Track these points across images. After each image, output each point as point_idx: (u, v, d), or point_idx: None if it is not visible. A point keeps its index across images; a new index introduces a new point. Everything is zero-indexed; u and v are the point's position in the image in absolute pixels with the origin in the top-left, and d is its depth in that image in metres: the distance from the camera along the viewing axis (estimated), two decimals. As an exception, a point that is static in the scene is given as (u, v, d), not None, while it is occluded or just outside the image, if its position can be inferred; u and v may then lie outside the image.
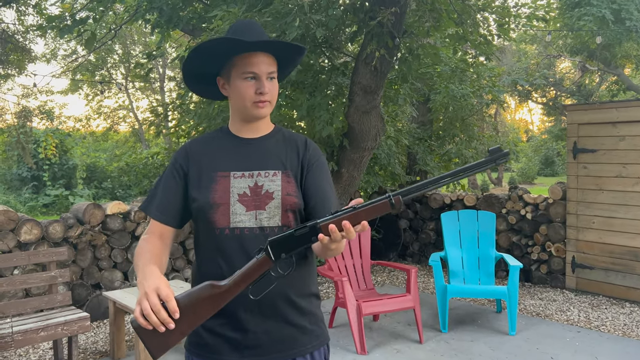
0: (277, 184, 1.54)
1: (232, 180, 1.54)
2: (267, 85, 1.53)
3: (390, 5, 4.39)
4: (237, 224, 1.51)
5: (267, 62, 1.53)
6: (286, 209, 1.53)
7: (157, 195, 1.59)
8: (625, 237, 5.24)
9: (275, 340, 1.51)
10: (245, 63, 1.51)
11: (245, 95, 1.53)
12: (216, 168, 1.56)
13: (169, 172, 1.60)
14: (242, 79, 1.53)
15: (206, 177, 1.55)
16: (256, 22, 1.60)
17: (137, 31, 19.35)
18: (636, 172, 5.16)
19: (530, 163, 24.91)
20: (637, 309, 5.03)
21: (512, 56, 19.44)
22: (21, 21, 11.35)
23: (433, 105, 7.73)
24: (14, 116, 13.35)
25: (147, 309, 1.24)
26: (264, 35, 1.57)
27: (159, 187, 1.60)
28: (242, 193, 1.53)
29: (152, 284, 1.29)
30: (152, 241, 1.54)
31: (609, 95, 17.67)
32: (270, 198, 1.53)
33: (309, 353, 1.56)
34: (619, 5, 10.20)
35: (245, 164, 1.57)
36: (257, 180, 1.54)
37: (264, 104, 1.54)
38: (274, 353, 1.52)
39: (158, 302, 1.26)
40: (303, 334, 1.56)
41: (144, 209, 1.61)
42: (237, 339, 1.50)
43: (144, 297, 1.27)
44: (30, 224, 4.57)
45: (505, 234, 6.15)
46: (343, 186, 5.58)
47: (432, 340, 4.30)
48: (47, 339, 3.37)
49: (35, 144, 14.40)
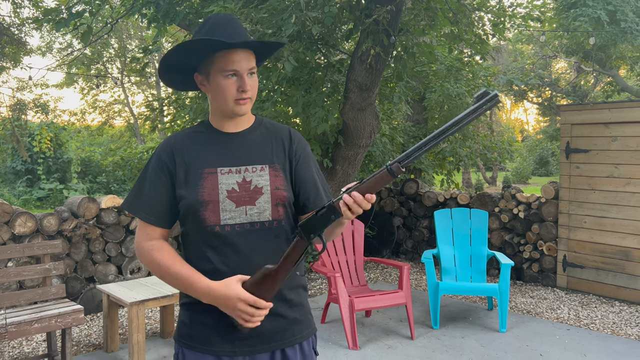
0: (265, 178, 1.55)
1: (220, 177, 1.53)
2: (248, 82, 1.52)
3: (386, 4, 4.41)
4: (227, 221, 1.51)
5: (247, 59, 1.52)
6: (276, 203, 1.55)
7: (145, 195, 1.56)
8: (616, 237, 5.29)
9: (266, 331, 1.54)
10: (226, 61, 1.50)
11: (226, 93, 1.53)
12: (203, 165, 1.54)
13: (154, 171, 1.56)
14: (223, 76, 1.51)
15: (193, 174, 1.53)
16: (233, 16, 1.59)
17: (133, 25, 19.28)
18: (628, 173, 5.21)
19: (524, 163, 25.00)
20: (626, 307, 5.09)
21: (508, 56, 19.51)
22: (17, 14, 11.30)
23: (428, 104, 7.76)
24: (8, 109, 13.29)
25: (248, 318, 1.46)
26: (242, 29, 1.56)
27: (145, 186, 1.57)
28: (230, 189, 1.53)
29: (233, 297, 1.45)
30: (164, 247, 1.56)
31: (604, 96, 17.76)
32: (260, 193, 1.54)
33: (298, 343, 1.59)
34: (614, 6, 10.25)
35: (232, 159, 1.56)
36: (245, 175, 1.55)
37: (245, 101, 1.54)
38: (264, 344, 1.54)
39: (250, 309, 1.45)
40: (292, 325, 1.58)
41: (131, 208, 1.58)
42: (228, 330, 1.52)
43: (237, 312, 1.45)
44: (25, 217, 4.58)
45: (498, 233, 6.19)
46: (338, 183, 5.61)
47: (423, 337, 4.34)
48: (40, 331, 3.38)
49: (30, 137, 14.34)
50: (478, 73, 7.55)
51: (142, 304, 3.67)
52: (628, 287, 5.23)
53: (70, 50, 20.31)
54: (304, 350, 1.61)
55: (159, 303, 3.78)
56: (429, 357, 3.93)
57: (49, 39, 20.92)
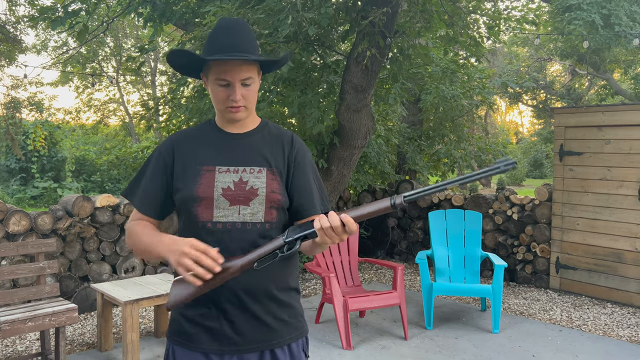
0: (262, 180, 1.56)
1: (217, 175, 1.55)
2: (239, 92, 1.53)
3: (382, 5, 4.43)
4: (220, 219, 1.53)
5: (242, 69, 1.52)
6: (270, 205, 1.55)
7: (142, 185, 1.63)
8: (609, 239, 5.34)
9: (255, 331, 1.55)
10: (219, 70, 1.52)
11: (217, 100, 1.56)
12: (201, 162, 1.57)
13: (154, 164, 1.62)
14: (215, 84, 1.54)
15: (191, 170, 1.56)
16: (241, 21, 1.58)
17: (129, 24, 19.24)
18: (620, 175, 5.26)
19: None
20: (618, 309, 5.13)
21: (503, 58, 19.59)
22: (12, 11, 11.26)
23: (423, 106, 7.79)
24: (2, 107, 13.24)
25: (190, 263, 1.38)
26: (246, 37, 1.55)
27: (144, 177, 1.63)
28: (226, 187, 1.54)
29: (185, 242, 1.41)
30: (145, 224, 1.62)
31: (598, 99, 17.86)
32: (255, 194, 1.55)
33: (286, 345, 1.59)
34: (608, 10, 10.32)
35: (231, 159, 1.58)
36: (242, 176, 1.56)
37: (238, 109, 1.56)
38: (253, 344, 1.55)
39: (198, 253, 1.39)
40: (282, 326, 1.59)
41: (127, 195, 1.66)
42: (217, 329, 1.53)
43: (183, 255, 1.39)
44: (19, 215, 4.57)
45: (492, 234, 6.23)
46: (333, 184, 5.63)
47: (417, 337, 4.36)
48: (34, 330, 3.37)
49: (24, 136, 14.28)
50: (473, 75, 7.60)
51: (136, 303, 3.67)
52: (620, 289, 5.27)
53: (66, 48, 20.24)
54: (292, 352, 1.61)
55: (153, 302, 3.78)
56: (422, 358, 3.95)
57: (44, 37, 20.85)
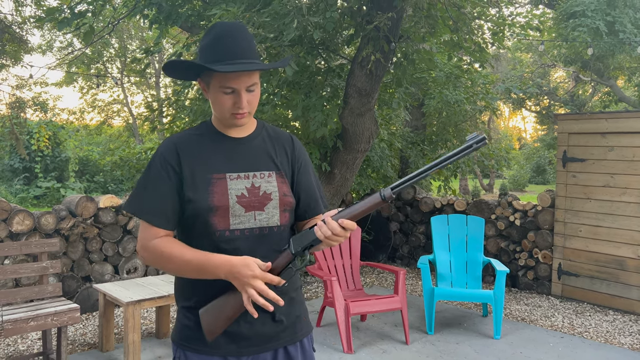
0: (273, 185, 1.58)
1: (229, 182, 1.53)
2: (245, 99, 1.51)
3: (387, 10, 4.45)
4: (237, 226, 1.52)
5: (247, 75, 1.50)
6: (284, 208, 1.58)
7: (150, 197, 1.52)
8: (611, 246, 5.33)
9: (271, 331, 1.58)
10: (224, 78, 1.48)
11: (223, 107, 1.53)
12: (211, 170, 1.53)
13: (158, 173, 1.52)
14: (220, 91, 1.51)
15: (201, 178, 1.52)
16: (240, 25, 1.54)
17: (134, 26, 19.31)
18: (623, 183, 5.25)
19: (522, 170, 25.06)
20: (620, 316, 5.12)
21: (507, 64, 19.59)
22: (19, 12, 11.31)
23: (427, 110, 7.80)
24: (7, 107, 13.27)
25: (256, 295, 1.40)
26: (247, 43, 1.52)
27: (149, 187, 1.53)
28: (240, 194, 1.53)
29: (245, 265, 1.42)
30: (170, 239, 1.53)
31: (601, 106, 17.84)
32: (269, 199, 1.56)
33: (299, 340, 1.65)
34: (613, 17, 10.32)
35: (239, 165, 1.57)
36: (254, 181, 1.56)
37: (243, 115, 1.54)
38: (269, 342, 1.58)
39: (265, 288, 1.41)
40: (295, 323, 1.64)
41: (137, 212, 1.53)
42: (235, 331, 1.54)
43: (249, 286, 1.40)
44: (23, 215, 4.59)
45: (494, 240, 6.22)
46: (335, 187, 5.63)
47: (418, 342, 4.36)
48: (36, 329, 3.39)
49: (28, 135, 14.33)
50: (477, 80, 7.60)
51: (138, 303, 3.68)
52: (622, 296, 5.26)
53: (71, 49, 20.32)
54: (304, 347, 1.66)
55: (155, 303, 3.79)
56: (423, 362, 3.95)
57: (49, 38, 20.94)
